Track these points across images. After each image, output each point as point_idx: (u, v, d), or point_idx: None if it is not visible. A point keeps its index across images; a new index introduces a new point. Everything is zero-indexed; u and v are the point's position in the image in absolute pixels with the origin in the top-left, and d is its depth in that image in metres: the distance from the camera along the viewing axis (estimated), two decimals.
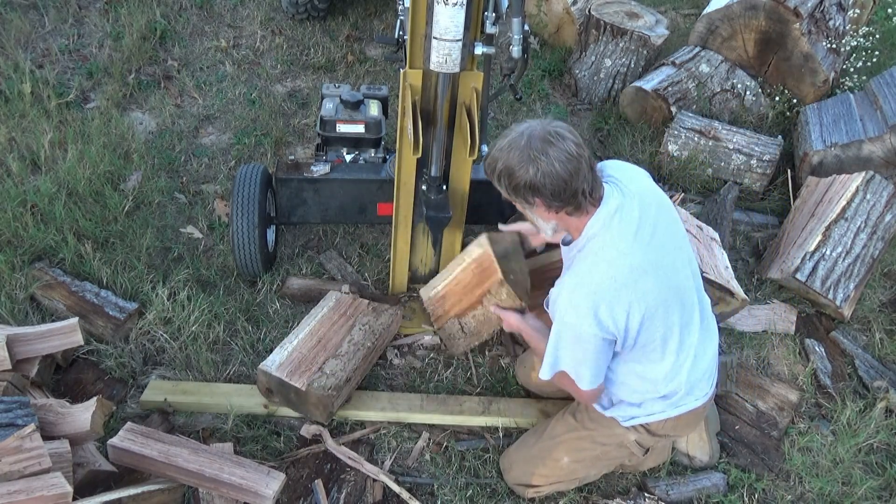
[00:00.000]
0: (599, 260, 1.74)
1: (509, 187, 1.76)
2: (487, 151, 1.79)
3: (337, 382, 2.27)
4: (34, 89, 3.61)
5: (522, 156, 1.69)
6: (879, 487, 2.40)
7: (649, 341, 1.81)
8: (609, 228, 1.75)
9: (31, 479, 1.73)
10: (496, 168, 1.75)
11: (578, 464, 2.12)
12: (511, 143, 1.72)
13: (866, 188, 3.16)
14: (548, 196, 1.71)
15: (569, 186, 1.68)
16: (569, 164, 1.67)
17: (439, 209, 2.36)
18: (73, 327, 2.25)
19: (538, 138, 1.68)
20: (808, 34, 3.82)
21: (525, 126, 1.73)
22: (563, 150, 1.67)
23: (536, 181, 1.68)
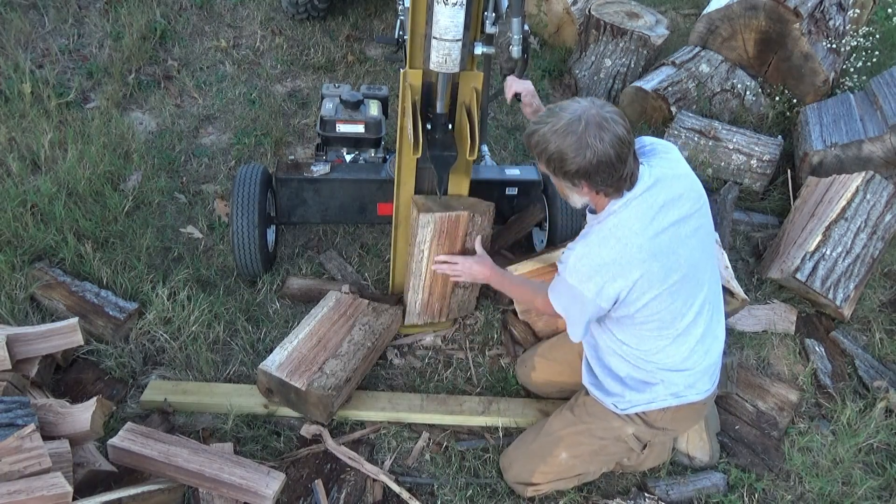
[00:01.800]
0: (610, 236, 1.78)
1: (558, 170, 1.76)
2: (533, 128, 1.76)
3: (337, 382, 2.27)
4: (34, 89, 3.61)
5: (579, 143, 1.68)
6: (879, 487, 2.40)
7: (647, 320, 1.86)
8: (628, 207, 1.78)
9: (31, 479, 1.73)
10: (547, 150, 1.73)
11: (577, 459, 2.12)
12: (567, 128, 1.69)
13: (866, 188, 3.16)
14: (597, 182, 1.73)
15: (617, 172, 1.71)
16: (621, 151, 1.68)
17: (445, 147, 2.32)
18: (73, 327, 2.24)
19: (594, 124, 1.67)
20: (808, 34, 3.82)
21: (578, 108, 1.71)
22: (615, 136, 1.68)
23: (590, 169, 1.69)
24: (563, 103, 1.76)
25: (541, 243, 3.02)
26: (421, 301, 2.55)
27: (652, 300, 1.80)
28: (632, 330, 1.91)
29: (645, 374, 1.97)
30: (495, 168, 3.01)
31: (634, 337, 1.92)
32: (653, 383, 1.97)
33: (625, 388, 2.01)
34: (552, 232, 2.89)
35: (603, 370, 2.07)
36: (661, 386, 1.97)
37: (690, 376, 1.96)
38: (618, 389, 2.03)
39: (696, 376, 1.97)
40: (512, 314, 2.78)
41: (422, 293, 2.53)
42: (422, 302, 2.56)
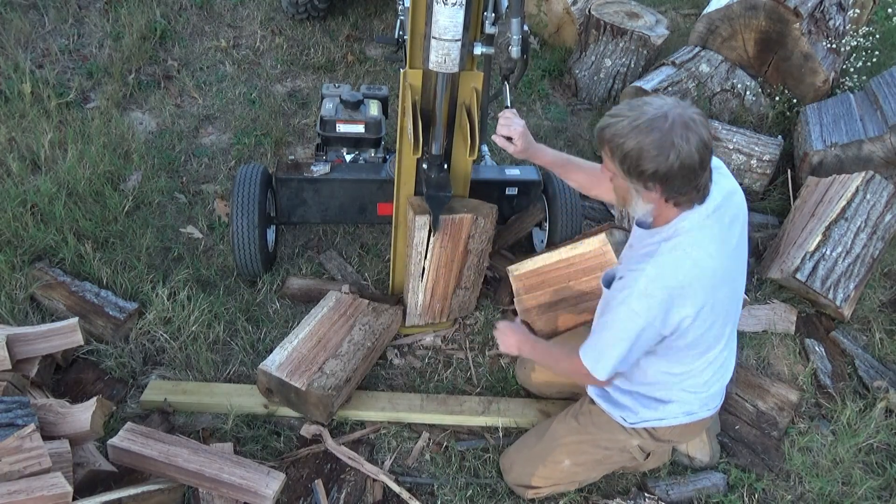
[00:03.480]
0: (686, 257, 1.65)
1: (633, 170, 1.58)
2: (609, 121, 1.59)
3: (337, 382, 2.27)
4: (34, 89, 3.61)
5: (663, 141, 1.52)
6: (879, 487, 2.40)
7: (692, 345, 1.77)
8: (702, 228, 1.66)
9: (31, 479, 1.73)
10: (624, 146, 1.56)
11: (579, 467, 2.12)
12: (651, 124, 1.53)
13: (866, 188, 3.16)
14: (673, 188, 1.59)
15: (695, 180, 1.58)
16: (704, 156, 1.55)
17: (440, 187, 2.34)
18: (73, 327, 2.25)
19: (680, 123, 1.52)
20: (808, 34, 3.82)
21: (663, 104, 1.56)
22: (701, 140, 1.54)
23: (671, 172, 1.54)
24: (644, 98, 1.61)
25: (541, 243, 3.02)
26: (422, 302, 2.55)
27: (707, 328, 1.72)
28: (672, 355, 1.82)
29: (664, 393, 1.93)
30: (495, 168, 3.01)
31: (669, 362, 1.85)
32: (668, 402, 1.94)
33: (637, 405, 1.97)
34: (552, 232, 2.89)
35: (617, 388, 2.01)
36: (676, 405, 1.94)
37: (708, 396, 1.93)
38: (629, 404, 1.99)
39: (713, 396, 1.95)
40: (512, 314, 2.78)
41: (422, 294, 2.53)
42: (422, 303, 2.56)
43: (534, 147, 2.14)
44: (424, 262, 2.42)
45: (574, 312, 2.57)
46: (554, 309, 2.60)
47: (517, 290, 2.68)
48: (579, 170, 2.19)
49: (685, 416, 1.95)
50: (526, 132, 2.11)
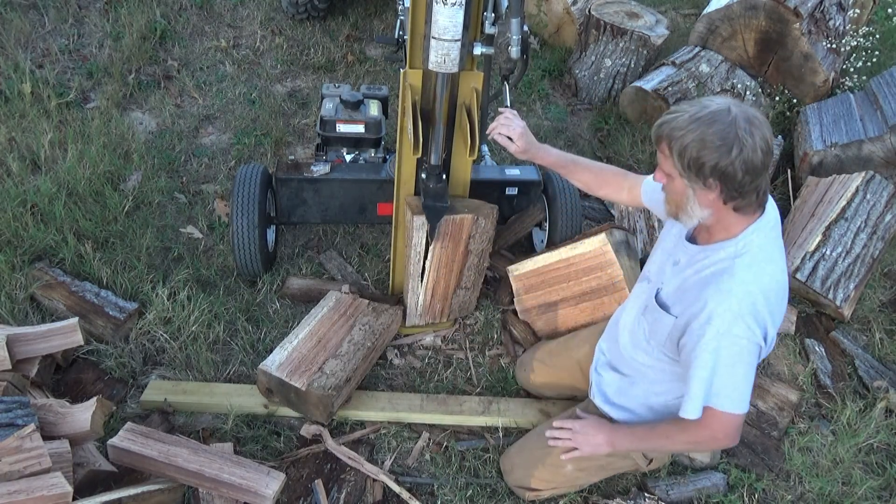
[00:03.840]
0: (763, 272, 1.58)
1: (693, 164, 1.50)
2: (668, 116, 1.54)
3: (337, 382, 2.27)
4: (34, 89, 3.61)
5: (727, 134, 1.45)
6: (879, 487, 2.40)
7: None
8: (772, 241, 1.62)
9: (31, 479, 1.73)
10: (684, 139, 1.49)
11: (582, 472, 2.10)
12: (714, 116, 1.47)
13: (866, 188, 3.16)
14: (734, 186, 1.51)
15: (756, 180, 1.50)
16: (766, 155, 1.48)
17: (437, 198, 2.35)
18: (73, 327, 2.25)
19: (743, 118, 1.46)
20: (808, 34, 3.82)
21: (723, 101, 1.50)
22: (763, 139, 1.47)
23: (732, 167, 1.47)
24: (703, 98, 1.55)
25: (541, 243, 3.02)
26: (422, 302, 2.55)
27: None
28: None
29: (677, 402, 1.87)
30: (495, 168, 3.01)
31: None
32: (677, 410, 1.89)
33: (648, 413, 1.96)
34: (552, 232, 2.89)
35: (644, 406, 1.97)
36: None
37: None
38: (641, 412, 1.97)
39: None
40: (512, 314, 2.78)
41: (423, 294, 2.53)
42: (423, 303, 2.56)
43: (536, 147, 2.12)
44: (424, 262, 2.42)
45: (574, 312, 2.58)
46: (554, 309, 2.61)
47: (517, 290, 2.68)
48: (585, 169, 2.16)
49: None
50: (527, 132, 2.09)
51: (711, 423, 1.67)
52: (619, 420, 2.01)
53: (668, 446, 1.88)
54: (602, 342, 2.17)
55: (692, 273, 1.69)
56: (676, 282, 1.74)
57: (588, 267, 2.49)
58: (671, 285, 1.76)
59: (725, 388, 1.62)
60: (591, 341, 2.27)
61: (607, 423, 1.99)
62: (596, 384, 2.11)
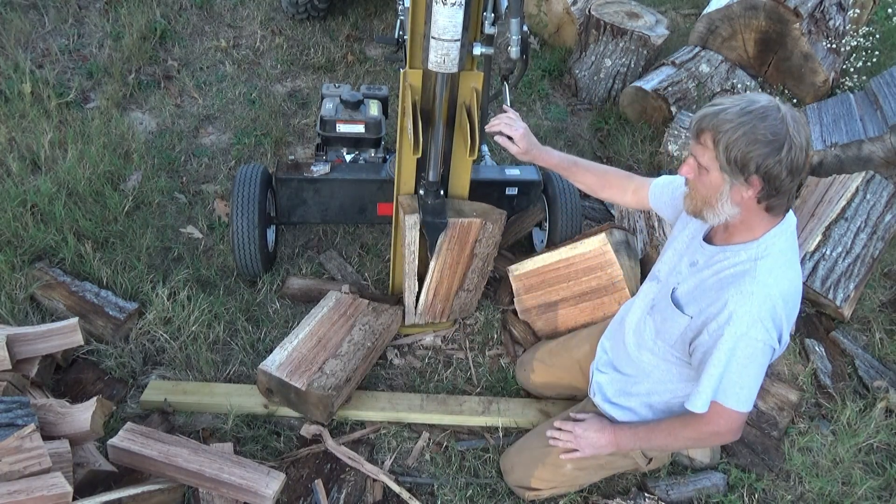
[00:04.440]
0: (784, 276, 1.58)
1: (738, 159, 1.47)
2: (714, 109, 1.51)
3: (337, 382, 2.27)
4: (34, 89, 3.61)
5: (778, 130, 1.43)
6: (879, 487, 2.40)
7: None
8: (792, 246, 1.62)
9: (31, 479, 1.73)
10: (732, 132, 1.46)
11: (581, 471, 2.11)
12: (765, 111, 1.44)
13: (866, 188, 3.16)
14: (775, 185, 1.48)
15: (795, 181, 1.49)
16: (808, 157, 1.47)
17: (436, 214, 2.37)
18: (73, 327, 2.25)
19: (792, 117, 1.44)
20: (808, 34, 3.82)
21: (767, 98, 1.47)
22: (808, 139, 1.46)
23: (779, 166, 1.44)
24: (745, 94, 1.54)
25: (541, 243, 3.02)
26: (423, 302, 2.55)
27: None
28: None
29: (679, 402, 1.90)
30: (495, 168, 3.01)
31: None
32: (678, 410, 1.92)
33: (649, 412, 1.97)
34: (552, 232, 2.89)
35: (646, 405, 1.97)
36: None
37: None
38: (642, 411, 1.98)
39: None
40: (512, 314, 2.78)
41: (425, 294, 2.52)
42: (424, 303, 2.55)
43: (538, 149, 2.11)
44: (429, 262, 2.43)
45: (574, 312, 2.58)
46: (554, 309, 2.61)
47: (517, 290, 2.68)
48: (588, 172, 2.16)
49: None
50: (528, 134, 2.09)
51: (716, 419, 1.69)
52: (619, 419, 2.02)
53: (671, 443, 1.88)
54: (605, 341, 2.17)
55: (710, 274, 1.69)
56: (693, 282, 1.73)
57: (588, 267, 2.49)
58: (687, 285, 1.75)
59: (735, 385, 1.63)
60: (591, 341, 2.27)
61: (609, 424, 1.99)
62: (596, 383, 2.11)
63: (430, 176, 2.33)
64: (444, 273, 2.47)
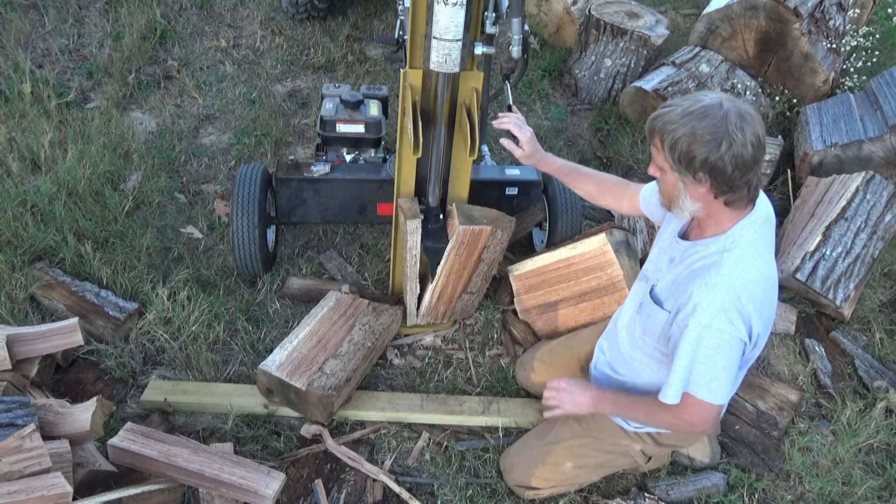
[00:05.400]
0: (752, 267, 1.60)
1: (683, 157, 1.53)
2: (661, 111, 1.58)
3: (337, 382, 2.27)
4: (34, 89, 3.61)
5: (717, 128, 1.48)
6: (879, 487, 2.40)
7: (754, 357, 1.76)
8: (762, 237, 1.64)
9: (31, 479, 1.73)
10: (675, 132, 1.52)
11: (581, 469, 2.11)
12: (706, 110, 1.50)
13: (866, 188, 3.16)
14: (724, 180, 1.53)
15: (746, 175, 1.53)
16: (757, 151, 1.50)
17: (436, 239, 2.39)
18: (73, 327, 2.25)
19: (735, 113, 1.49)
20: (808, 34, 3.82)
21: (717, 95, 1.53)
22: (755, 134, 1.49)
23: (722, 161, 1.49)
24: (697, 92, 1.58)
25: (541, 243, 3.02)
26: (426, 303, 2.55)
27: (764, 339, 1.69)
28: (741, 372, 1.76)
29: None
30: (495, 168, 3.01)
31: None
32: None
33: None
34: (552, 232, 2.89)
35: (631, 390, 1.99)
36: None
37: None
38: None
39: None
40: (512, 314, 2.78)
41: (429, 297, 2.52)
42: (427, 304, 2.55)
43: (541, 154, 2.14)
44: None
45: (574, 312, 2.58)
46: (554, 309, 2.61)
47: (517, 290, 2.68)
48: (588, 179, 2.18)
49: None
50: (534, 138, 2.12)
51: (690, 409, 1.71)
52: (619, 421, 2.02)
53: (647, 421, 1.91)
54: (602, 341, 2.18)
55: (684, 268, 1.72)
56: (670, 277, 1.77)
57: (588, 267, 2.49)
58: (665, 281, 1.79)
59: (703, 377, 1.66)
60: (591, 341, 2.27)
61: (593, 387, 2.00)
62: (595, 382, 2.11)
63: (430, 201, 2.38)
64: (450, 277, 2.46)
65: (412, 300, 2.55)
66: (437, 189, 2.37)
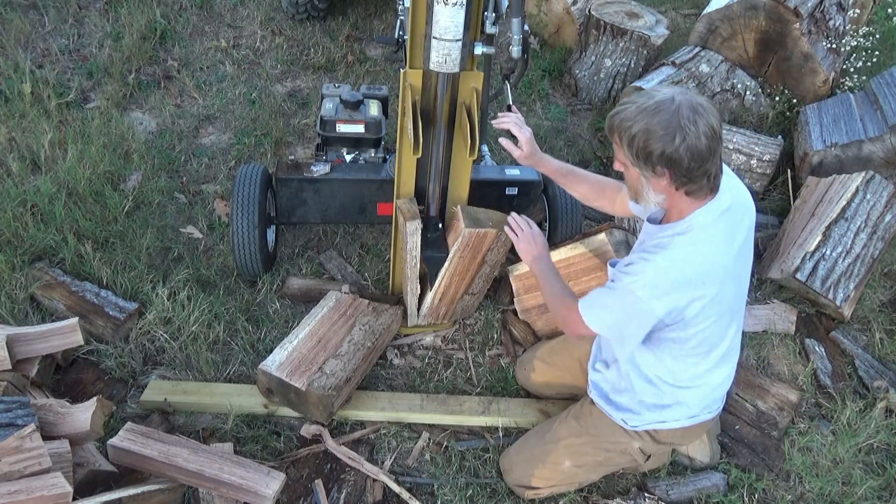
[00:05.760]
0: (697, 252, 1.66)
1: (641, 152, 1.60)
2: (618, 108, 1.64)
3: (337, 382, 2.27)
4: (34, 89, 3.61)
5: (670, 122, 1.54)
6: (879, 487, 2.40)
7: (698, 344, 1.79)
8: (716, 225, 1.68)
9: (31, 479, 1.73)
10: (632, 129, 1.58)
11: (580, 468, 2.12)
12: (658, 106, 1.56)
13: (866, 188, 3.16)
14: (681, 171, 1.59)
15: (703, 165, 1.58)
16: (712, 141, 1.56)
17: (436, 248, 2.41)
18: (73, 327, 2.25)
19: (688, 106, 1.55)
20: (808, 34, 3.82)
21: (670, 91, 1.59)
22: (709, 125, 1.55)
23: (678, 154, 1.55)
24: (652, 88, 1.64)
25: None
26: (428, 304, 2.55)
27: (711, 323, 1.74)
28: (674, 352, 1.83)
29: (668, 398, 1.93)
30: (495, 168, 3.01)
31: (673, 360, 1.85)
32: (671, 405, 1.94)
33: (640, 407, 1.98)
34: (552, 232, 2.89)
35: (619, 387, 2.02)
36: (679, 408, 1.94)
37: (711, 399, 1.94)
38: (634, 407, 1.99)
39: (714, 399, 1.95)
40: (512, 314, 2.78)
41: (431, 297, 2.52)
42: (429, 306, 2.56)
43: (539, 155, 2.19)
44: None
45: None
46: None
47: (517, 290, 2.68)
48: (583, 181, 2.22)
49: (687, 420, 1.96)
50: (532, 139, 2.16)
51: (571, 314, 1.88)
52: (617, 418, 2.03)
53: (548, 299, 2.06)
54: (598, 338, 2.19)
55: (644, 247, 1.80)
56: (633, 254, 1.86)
57: (588, 267, 2.49)
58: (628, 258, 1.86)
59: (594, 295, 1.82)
60: (590, 339, 2.27)
61: (546, 251, 2.14)
62: (592, 381, 2.13)
63: (431, 210, 2.39)
64: (453, 279, 2.47)
65: (412, 301, 2.55)
66: (437, 198, 2.38)
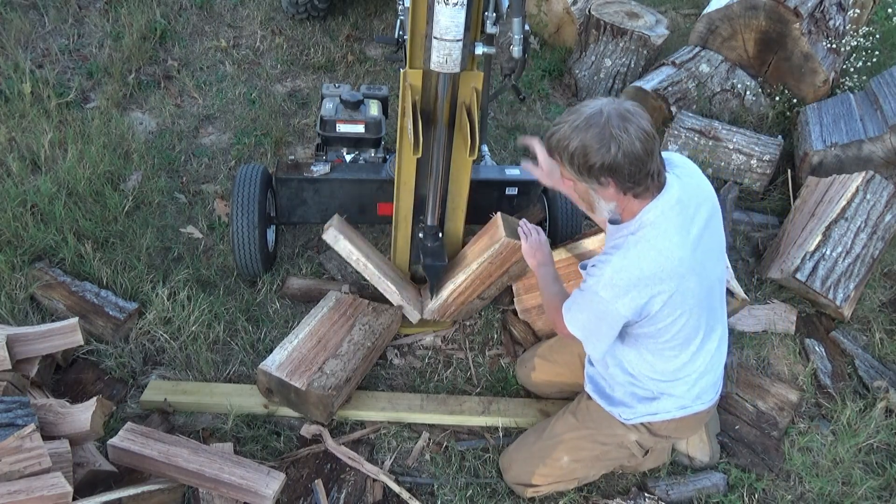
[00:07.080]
0: (650, 248, 1.70)
1: (582, 167, 1.66)
2: (552, 129, 1.70)
3: (337, 382, 2.27)
4: (34, 89, 3.61)
5: (603, 134, 1.60)
6: (879, 487, 2.40)
7: (672, 337, 1.81)
8: (667, 219, 1.71)
9: (31, 479, 1.73)
10: (569, 147, 1.65)
11: (578, 463, 2.12)
12: (588, 121, 1.62)
13: (866, 188, 3.16)
14: (624, 177, 1.65)
15: (644, 167, 1.63)
16: (647, 143, 1.61)
17: (435, 257, 2.42)
18: (73, 327, 2.24)
19: (616, 115, 1.61)
20: (808, 34, 3.82)
21: (598, 104, 1.65)
22: (640, 128, 1.61)
23: (616, 162, 1.61)
24: (581, 103, 1.70)
25: None
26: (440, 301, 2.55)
27: (680, 316, 1.76)
28: (651, 347, 1.86)
29: (654, 388, 1.95)
30: (495, 168, 3.01)
31: (652, 354, 1.88)
32: (658, 396, 1.96)
33: (632, 399, 1.99)
34: (552, 232, 2.89)
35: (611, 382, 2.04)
36: (668, 399, 1.95)
37: (699, 389, 1.95)
38: (627, 400, 2.01)
39: (703, 388, 1.96)
40: (512, 314, 2.78)
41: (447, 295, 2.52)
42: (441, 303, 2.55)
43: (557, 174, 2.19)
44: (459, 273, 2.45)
45: None
46: None
47: (517, 290, 2.68)
48: None
49: (679, 410, 1.96)
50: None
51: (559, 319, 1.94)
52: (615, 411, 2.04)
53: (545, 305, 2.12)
54: None
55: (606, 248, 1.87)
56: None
57: None
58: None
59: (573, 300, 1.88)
60: None
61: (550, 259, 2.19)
62: (587, 375, 2.14)
63: (429, 220, 2.40)
64: (474, 282, 2.48)
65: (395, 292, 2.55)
66: (437, 207, 2.39)
